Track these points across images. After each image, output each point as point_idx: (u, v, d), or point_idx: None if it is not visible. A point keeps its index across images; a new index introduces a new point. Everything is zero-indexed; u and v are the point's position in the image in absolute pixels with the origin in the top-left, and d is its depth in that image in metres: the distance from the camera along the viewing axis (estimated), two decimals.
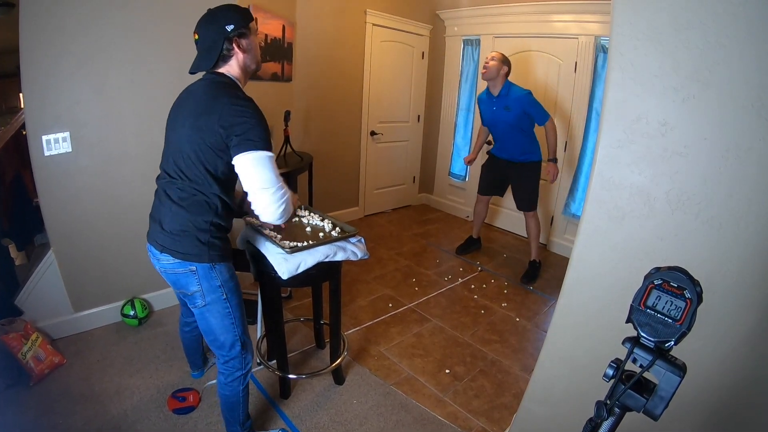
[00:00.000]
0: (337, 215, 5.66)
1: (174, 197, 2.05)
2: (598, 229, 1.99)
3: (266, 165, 1.96)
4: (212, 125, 1.92)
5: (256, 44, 2.16)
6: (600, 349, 1.90)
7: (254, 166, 1.94)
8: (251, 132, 1.92)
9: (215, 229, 2.10)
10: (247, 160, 1.93)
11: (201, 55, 2.08)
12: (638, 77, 1.75)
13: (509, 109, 4.56)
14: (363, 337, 3.67)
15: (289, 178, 4.31)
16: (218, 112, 1.91)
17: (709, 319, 1.62)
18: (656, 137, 1.74)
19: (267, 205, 2.01)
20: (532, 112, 4.51)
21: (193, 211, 2.04)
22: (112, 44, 3.07)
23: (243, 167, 1.96)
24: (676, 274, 1.07)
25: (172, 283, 2.20)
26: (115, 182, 3.31)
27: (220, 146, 1.95)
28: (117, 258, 3.46)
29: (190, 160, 2.00)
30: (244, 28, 2.06)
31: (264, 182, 1.97)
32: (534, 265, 5.01)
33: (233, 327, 2.24)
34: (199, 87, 2.07)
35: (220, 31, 2.01)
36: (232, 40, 2.04)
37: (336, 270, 2.80)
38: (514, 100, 4.53)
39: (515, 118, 4.57)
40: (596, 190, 1.96)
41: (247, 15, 2.11)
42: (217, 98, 1.95)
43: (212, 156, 1.98)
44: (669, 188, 1.74)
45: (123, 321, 3.54)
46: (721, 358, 1.73)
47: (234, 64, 2.09)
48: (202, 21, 2.06)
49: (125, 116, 3.25)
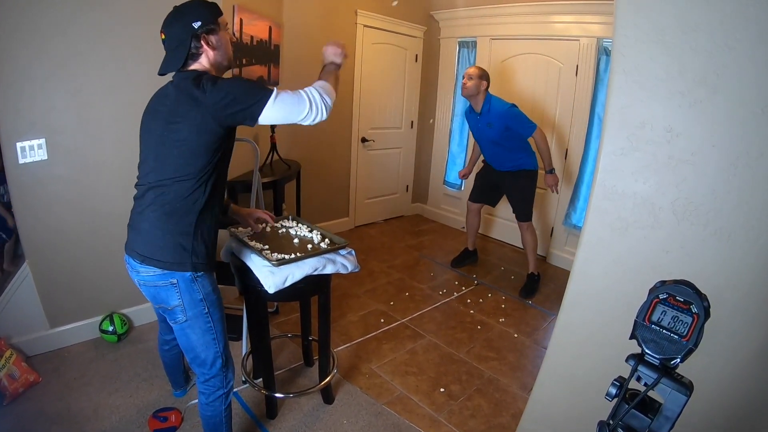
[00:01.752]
0: (326, 226, 5.66)
1: (154, 203, 2.04)
2: (600, 241, 1.99)
3: (282, 101, 2.01)
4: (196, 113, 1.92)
5: (226, 40, 2.16)
6: (602, 366, 1.91)
7: (277, 111, 1.99)
8: (245, 97, 1.94)
9: (199, 235, 2.09)
10: (267, 115, 1.98)
11: (169, 54, 2.08)
12: (643, 81, 1.76)
13: (492, 125, 4.59)
14: (353, 354, 3.65)
15: (275, 187, 4.31)
16: (200, 95, 1.91)
17: (718, 335, 1.62)
18: (662, 144, 1.74)
19: (316, 116, 2.09)
20: (516, 126, 4.51)
21: (174, 215, 2.03)
22: (89, 46, 3.07)
23: (271, 120, 2.02)
24: (683, 288, 1.08)
25: (151, 297, 2.18)
26: (93, 191, 3.30)
27: (211, 139, 1.97)
28: (95, 271, 3.44)
29: (172, 163, 1.99)
30: (212, 23, 2.06)
31: (297, 112, 2.04)
32: (533, 278, 5.01)
33: (214, 342, 2.23)
34: (172, 88, 2.05)
35: (187, 29, 2.01)
36: (200, 38, 2.03)
37: (325, 284, 2.79)
38: (495, 116, 4.55)
39: (498, 134, 4.60)
40: (598, 200, 1.96)
41: (215, 9, 2.10)
42: (191, 94, 1.94)
43: (196, 157, 1.98)
44: (675, 198, 1.74)
45: (101, 337, 3.51)
46: (730, 376, 1.73)
47: (204, 62, 2.09)
48: (167, 19, 2.05)
49: (103, 122, 3.24)
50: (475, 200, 5.28)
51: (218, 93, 1.91)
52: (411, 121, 7.09)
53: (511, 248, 6.31)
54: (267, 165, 4.54)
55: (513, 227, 6.08)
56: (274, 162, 4.63)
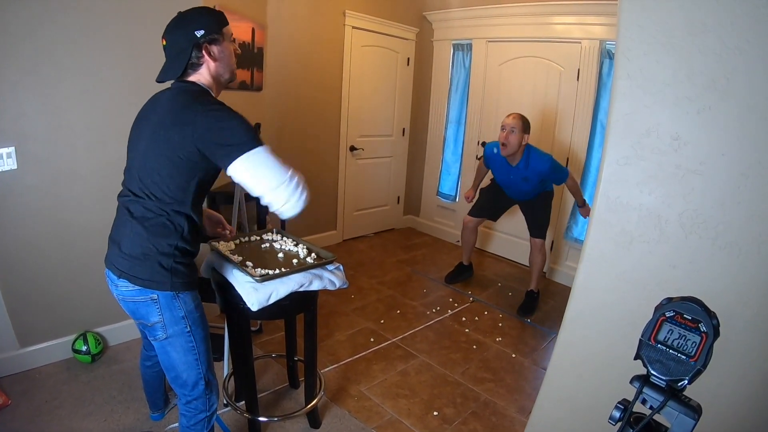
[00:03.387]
0: (312, 240, 5.64)
1: (137, 216, 2.04)
2: (603, 256, 1.99)
3: (266, 161, 1.94)
4: (185, 137, 1.91)
5: (230, 51, 2.16)
6: (605, 388, 1.91)
7: (254, 168, 1.92)
8: (235, 135, 1.90)
9: (180, 254, 2.09)
10: (243, 165, 1.91)
11: (168, 62, 2.08)
12: (648, 86, 1.76)
13: (527, 180, 4.60)
14: (342, 376, 3.64)
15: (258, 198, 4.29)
16: (191, 122, 1.90)
17: (727, 355, 1.62)
18: (668, 153, 1.74)
19: (286, 201, 1.97)
20: (552, 178, 4.60)
21: (156, 233, 2.02)
22: (62, 49, 3.05)
23: (242, 174, 1.93)
24: (691, 306, 1.08)
25: (131, 313, 2.17)
26: (65, 202, 3.28)
27: (194, 159, 1.94)
28: (68, 287, 3.40)
29: (158, 176, 1.98)
30: (216, 33, 2.07)
31: (273, 180, 1.94)
32: (532, 295, 5.01)
33: (197, 363, 2.22)
34: (167, 96, 2.06)
35: (189, 37, 2.01)
36: (201, 47, 2.04)
37: (311, 301, 2.78)
38: (534, 173, 4.53)
39: (533, 187, 4.65)
40: (601, 212, 1.97)
41: (221, 18, 2.12)
42: (188, 107, 1.94)
43: (183, 171, 1.97)
44: (682, 210, 1.74)
45: (74, 357, 3.48)
46: (740, 399, 1.73)
47: (204, 73, 2.09)
48: (170, 25, 2.05)
49: (77, 129, 3.22)
50: (476, 215, 5.27)
51: (213, 118, 1.91)
52: (402, 129, 7.11)
53: (509, 263, 6.33)
54: None
55: (511, 241, 6.10)
56: None
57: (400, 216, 7.57)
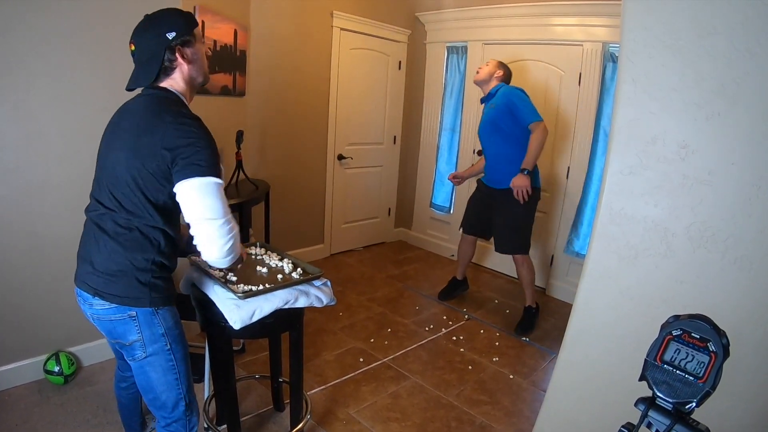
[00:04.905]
0: (298, 254, 5.64)
1: (109, 231, 2.03)
2: (606, 271, 2.00)
3: (213, 193, 1.94)
4: (154, 147, 1.91)
5: (202, 53, 2.16)
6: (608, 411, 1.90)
7: (199, 193, 1.92)
8: (197, 155, 1.91)
9: (157, 269, 2.09)
10: (191, 186, 1.91)
11: (139, 68, 2.07)
12: (654, 91, 1.76)
13: (494, 106, 4.63)
14: (329, 398, 3.64)
15: (241, 209, 4.30)
16: (161, 132, 1.91)
17: (738, 376, 1.62)
18: (675, 162, 1.75)
19: (211, 238, 1.97)
20: (517, 108, 4.46)
21: (131, 247, 2.02)
22: (33, 53, 3.05)
23: (186, 195, 1.94)
24: (699, 324, 1.08)
25: (107, 332, 2.17)
26: (36, 215, 3.26)
27: (163, 172, 1.94)
28: (39, 304, 3.39)
29: (128, 188, 1.98)
30: (188, 34, 2.07)
31: (209, 211, 1.94)
32: (530, 312, 5.01)
33: (177, 383, 2.22)
34: (139, 104, 2.06)
35: (161, 40, 2.00)
36: (174, 50, 2.03)
37: (297, 318, 2.78)
38: (500, 97, 4.60)
39: (500, 115, 4.58)
40: (604, 225, 1.97)
41: (191, 20, 2.12)
42: (159, 116, 1.94)
43: (154, 183, 1.97)
44: (690, 222, 1.74)
45: (46, 378, 3.45)
46: (752, 422, 1.73)
47: (178, 78, 2.10)
48: (138, 29, 2.05)
49: (49, 138, 3.22)
50: (468, 231, 5.28)
51: (182, 132, 1.92)
52: (394, 136, 7.13)
53: (507, 279, 6.35)
54: (232, 185, 4.52)
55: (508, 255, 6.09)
56: (239, 182, 4.61)
57: (391, 229, 7.57)
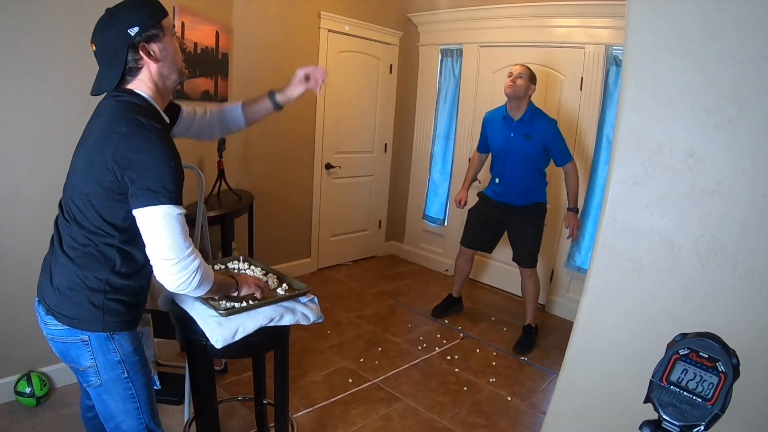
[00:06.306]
0: (284, 268, 5.62)
1: (64, 244, 1.99)
2: (609, 287, 1.99)
3: (167, 227, 1.84)
4: (105, 160, 1.83)
5: (174, 47, 2.04)
6: None
7: (151, 227, 1.85)
8: (153, 178, 1.82)
9: (112, 289, 2.01)
10: (143, 217, 1.84)
11: (102, 70, 1.97)
12: (660, 97, 1.76)
13: (530, 138, 4.61)
14: (316, 421, 3.64)
15: (223, 222, 4.30)
16: (113, 144, 1.82)
17: (749, 397, 1.60)
18: (682, 171, 1.75)
19: (167, 276, 1.91)
20: (555, 148, 4.59)
21: (83, 264, 1.97)
22: (2, 55, 3.05)
23: (140, 225, 1.86)
24: (707, 343, 1.09)
25: (61, 355, 2.12)
26: (5, 227, 3.26)
27: (116, 188, 1.86)
28: (9, 322, 3.37)
29: (82, 201, 1.92)
30: (154, 28, 1.93)
31: (163, 249, 1.86)
32: (529, 330, 5.02)
33: (137, 412, 2.16)
34: (104, 109, 1.98)
35: (122, 37, 1.88)
36: (138, 47, 1.90)
37: (283, 337, 2.78)
38: (539, 130, 4.59)
39: (534, 151, 4.64)
40: (607, 238, 1.97)
41: (157, 10, 1.97)
42: (115, 125, 1.85)
43: (108, 200, 1.89)
44: (698, 235, 1.74)
45: (17, 400, 3.45)
46: None
47: (145, 78, 1.98)
48: (98, 25, 1.94)
49: (19, 145, 3.22)
50: (470, 245, 5.29)
51: (134, 145, 1.83)
52: (384, 144, 7.14)
53: (504, 295, 6.35)
54: (214, 196, 4.53)
55: (506, 270, 6.07)
56: (222, 192, 4.63)
57: (382, 242, 7.58)
